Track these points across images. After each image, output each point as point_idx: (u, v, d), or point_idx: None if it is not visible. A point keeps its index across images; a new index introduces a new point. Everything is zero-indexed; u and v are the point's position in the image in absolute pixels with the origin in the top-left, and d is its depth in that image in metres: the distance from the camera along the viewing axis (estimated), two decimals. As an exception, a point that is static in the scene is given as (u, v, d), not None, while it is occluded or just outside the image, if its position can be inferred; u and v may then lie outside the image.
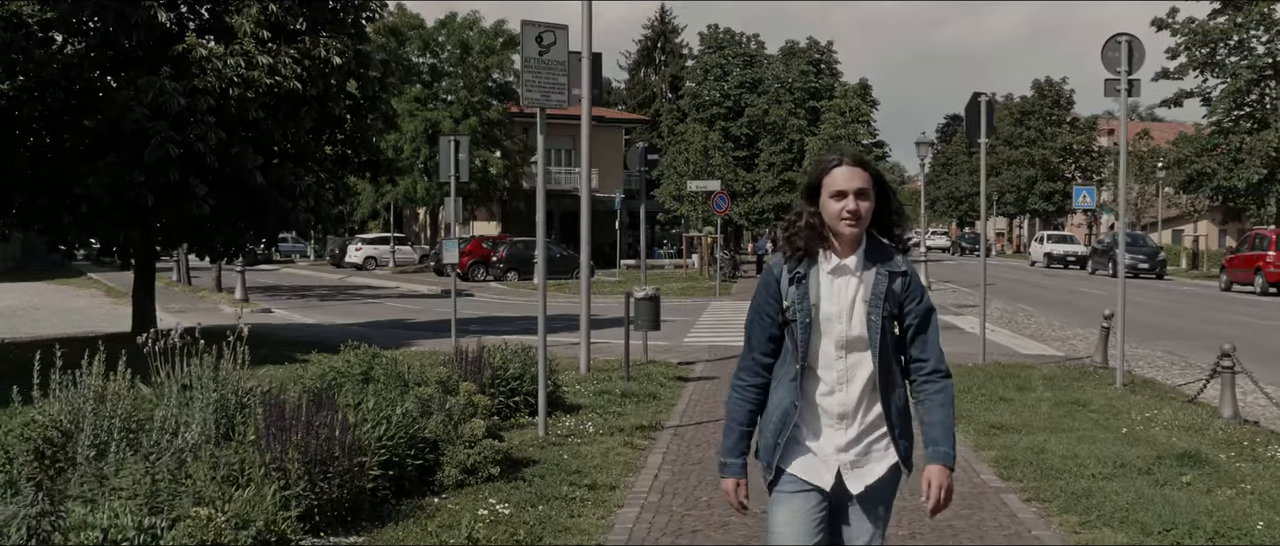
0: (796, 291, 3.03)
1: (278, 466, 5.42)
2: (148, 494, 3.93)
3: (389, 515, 6.00)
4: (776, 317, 3.07)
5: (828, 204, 3.01)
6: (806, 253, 3.04)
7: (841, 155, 3.08)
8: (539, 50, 7.99)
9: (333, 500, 5.72)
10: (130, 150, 14.60)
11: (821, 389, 3.06)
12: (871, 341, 3.00)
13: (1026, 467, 7.31)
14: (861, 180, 3.00)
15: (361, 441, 6.05)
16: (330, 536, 5.59)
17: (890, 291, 3.02)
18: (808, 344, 3.03)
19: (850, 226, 2.98)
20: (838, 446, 3.05)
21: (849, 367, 3.04)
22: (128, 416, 4.62)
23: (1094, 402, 9.91)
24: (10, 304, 28.07)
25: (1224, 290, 30.57)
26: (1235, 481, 6.80)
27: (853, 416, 3.05)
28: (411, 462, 6.52)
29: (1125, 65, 10.74)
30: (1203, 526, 5.69)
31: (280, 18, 15.82)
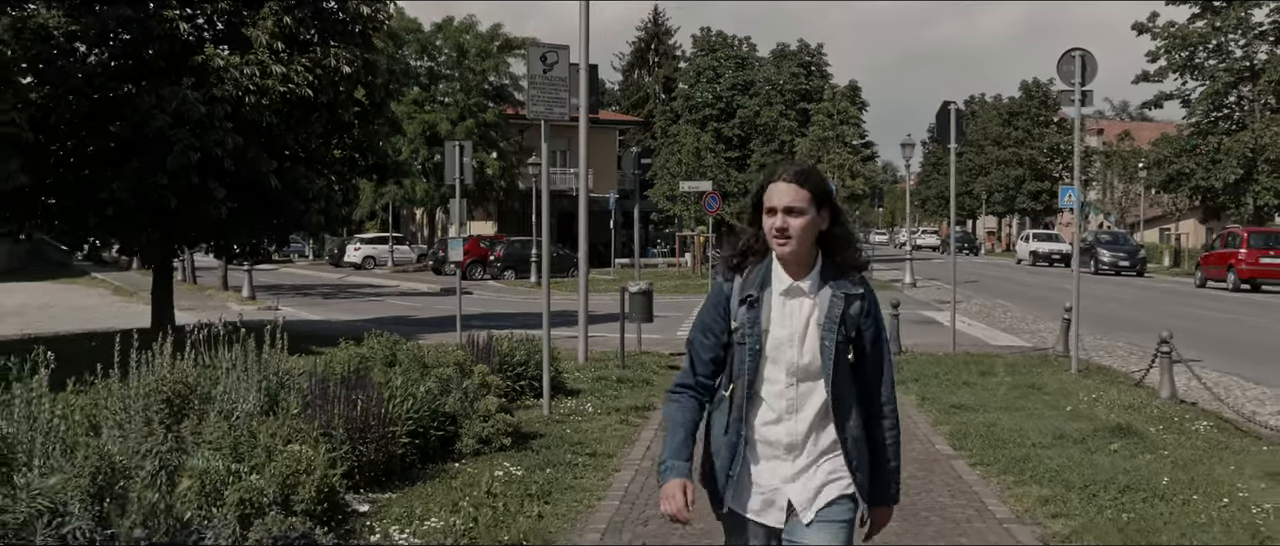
0: (747, 314, 2.84)
1: (325, 431, 6.34)
2: (231, 445, 4.83)
3: (417, 476, 6.92)
4: (722, 337, 2.88)
5: (764, 220, 2.85)
6: (739, 270, 2.90)
7: (784, 169, 2.90)
8: (543, 68, 8.91)
9: (370, 462, 6.65)
10: (153, 155, 15.48)
11: (767, 417, 2.87)
12: (825, 369, 2.81)
13: (977, 439, 8.26)
14: (793, 197, 2.80)
15: (392, 414, 6.97)
16: (368, 493, 6.51)
17: (847, 315, 2.82)
18: (756, 371, 2.84)
19: (779, 245, 2.81)
20: (785, 478, 2.86)
21: (799, 396, 2.85)
22: (206, 387, 5.52)
23: (1048, 386, 10.87)
24: (23, 302, 28.92)
25: (1199, 287, 31.60)
26: (1157, 449, 7.75)
27: (801, 447, 2.85)
28: (434, 433, 7.45)
29: (1079, 78, 11.70)
30: (1116, 482, 6.64)
31: (293, 29, 16.70)
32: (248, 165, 16.28)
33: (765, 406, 2.86)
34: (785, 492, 2.85)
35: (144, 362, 6.09)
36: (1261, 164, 37.58)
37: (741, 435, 2.85)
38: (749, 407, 2.86)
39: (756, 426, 2.87)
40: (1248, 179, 37.68)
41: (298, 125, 17.36)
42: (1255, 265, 29.14)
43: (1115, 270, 39.22)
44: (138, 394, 4.62)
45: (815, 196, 2.83)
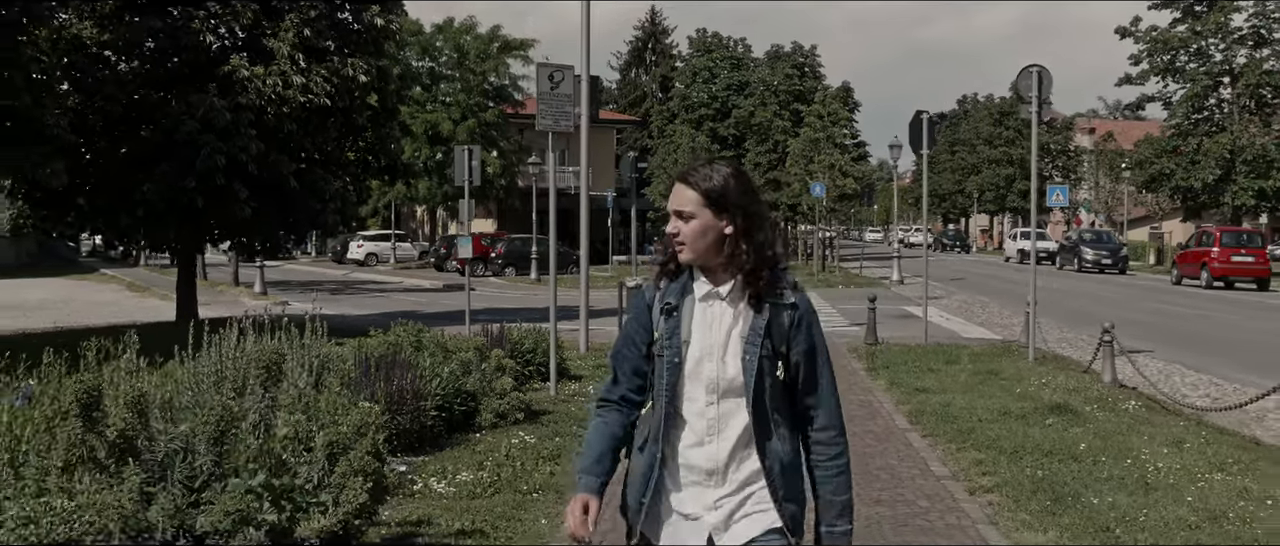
0: (666, 324, 2.62)
1: (369, 401, 7.48)
2: (302, 409, 5.94)
3: (444, 444, 8.07)
4: (643, 349, 2.66)
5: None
6: (677, 275, 2.66)
7: (685, 168, 2.72)
8: (551, 86, 10.05)
9: (404, 431, 7.78)
10: (182, 159, 16.63)
11: (689, 439, 2.62)
12: (746, 386, 2.56)
13: (931, 416, 9.41)
14: (681, 200, 2.59)
15: (422, 390, 8.11)
16: (403, 457, 7.65)
17: (773, 326, 2.58)
18: (675, 386, 2.60)
19: (676, 250, 2.61)
20: (706, 505, 2.61)
21: (721, 416, 2.59)
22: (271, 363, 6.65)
23: (1005, 373, 12.02)
24: (42, 297, 30.00)
25: (1175, 284, 32.78)
26: (1086, 423, 8.90)
27: (724, 473, 2.60)
28: (458, 408, 8.59)
29: (1036, 91, 12.85)
30: (1041, 448, 7.79)
31: (312, 40, 17.84)
32: (269, 168, 17.42)
33: (686, 427, 2.61)
34: (706, 522, 2.59)
35: (212, 345, 7.23)
36: (1239, 165, 38.78)
37: (656, 457, 2.61)
38: (669, 427, 2.61)
39: (678, 449, 2.62)
40: (1226, 179, 38.88)
41: (315, 130, 18.51)
42: (1227, 263, 30.33)
43: (1098, 268, 40.39)
44: (236, 362, 5.74)
45: (707, 199, 2.55)
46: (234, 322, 8.97)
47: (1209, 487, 6.70)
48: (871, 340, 15.33)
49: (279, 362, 5.97)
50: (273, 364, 5.81)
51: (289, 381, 6.21)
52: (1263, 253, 31.30)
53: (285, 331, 8.43)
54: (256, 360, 5.74)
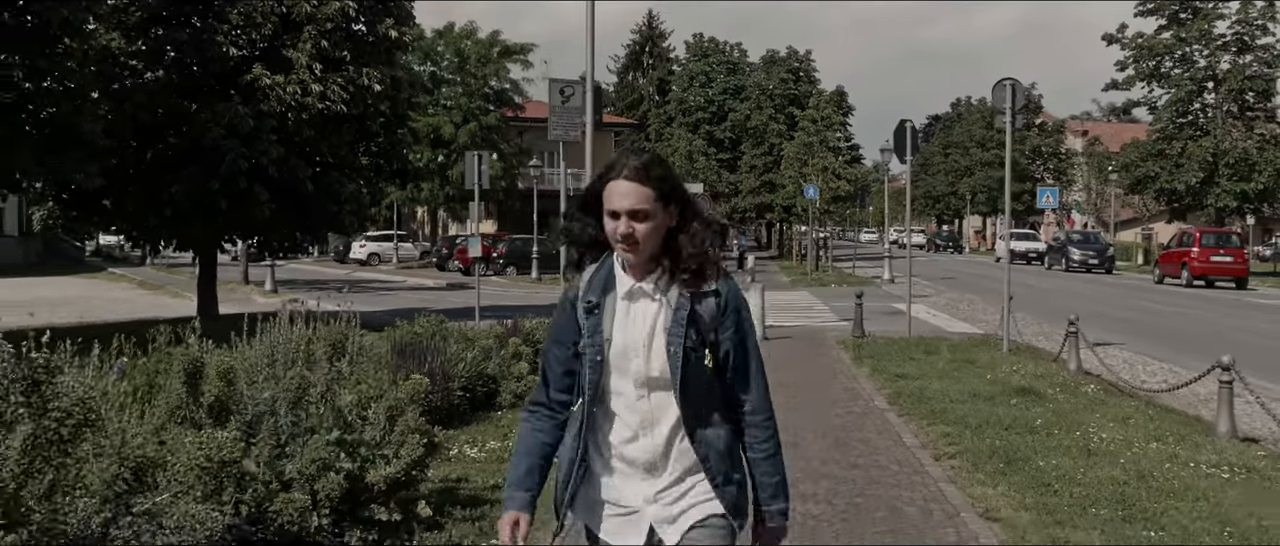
0: (589, 322, 2.61)
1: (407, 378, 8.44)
2: (353, 383, 6.89)
3: (469, 420, 9.02)
4: (571, 349, 2.65)
5: (607, 222, 2.56)
6: (580, 268, 2.67)
7: (624, 163, 2.57)
8: (562, 100, 11.02)
9: (435, 407, 8.72)
10: (207, 163, 17.57)
11: (623, 434, 2.63)
12: (673, 378, 2.56)
13: (908, 397, 10.38)
14: (637, 199, 2.51)
15: (450, 372, 9.06)
16: (436, 430, 8.60)
17: (695, 316, 2.57)
18: (598, 383, 2.60)
19: (625, 251, 2.55)
20: (646, 498, 2.63)
21: (653, 409, 2.60)
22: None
23: (980, 361, 13.00)
24: (59, 295, 30.83)
25: (1157, 283, 33.82)
26: (1046, 403, 9.88)
27: (662, 465, 2.61)
28: (480, 389, 9.55)
29: (1010, 102, 13.83)
30: (1002, 423, 8.76)
31: (329, 51, 18.79)
32: (288, 171, 18.36)
33: (619, 422, 2.62)
34: (646, 514, 2.61)
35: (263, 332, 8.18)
36: (1222, 167, 39.82)
37: (578, 451, 2.63)
38: (601, 423, 2.63)
39: (614, 444, 2.63)
40: (1209, 182, 39.92)
41: (330, 135, 19.44)
42: (1206, 262, 31.37)
43: (1085, 268, 41.44)
44: (298, 343, 6.69)
45: (660, 193, 2.53)
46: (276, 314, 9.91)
47: (1143, 454, 7.68)
48: (858, 333, 16.29)
49: (343, 342, 6.91)
50: (338, 342, 6.75)
51: (350, 356, 7.16)
52: (1240, 252, 32.37)
53: (322, 322, 9.41)
54: (325, 339, 6.69)
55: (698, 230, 2.57)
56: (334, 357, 6.62)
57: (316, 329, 9.06)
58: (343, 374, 6.61)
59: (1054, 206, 48.19)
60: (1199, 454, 7.64)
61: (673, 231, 2.56)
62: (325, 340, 6.55)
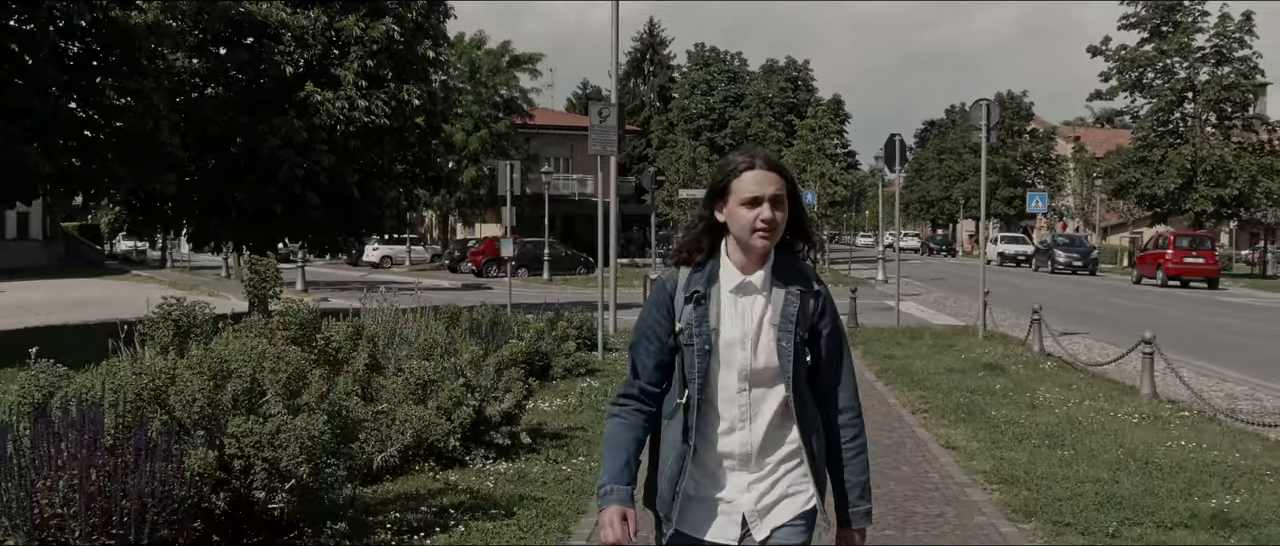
0: (694, 312, 2.61)
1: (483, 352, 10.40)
2: (423, 352, 8.83)
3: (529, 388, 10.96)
4: (667, 341, 2.64)
5: (738, 212, 2.58)
6: (702, 265, 2.67)
7: (753, 155, 2.64)
8: (599, 120, 12.97)
9: (505, 376, 10.68)
10: (265, 171, 19.51)
11: (722, 426, 2.64)
12: (783, 371, 2.59)
13: (895, 372, 12.33)
14: (777, 186, 2.57)
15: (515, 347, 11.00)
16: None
17: (803, 313, 2.61)
18: (706, 374, 2.60)
19: (763, 239, 2.57)
20: (740, 489, 2.63)
21: (753, 402, 2.62)
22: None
23: (957, 345, 14.97)
24: (98, 294, 32.65)
25: (1135, 283, 35.83)
26: (1007, 375, 11.84)
27: (757, 458, 2.63)
28: (536, 362, 11.49)
29: (985, 120, 15.80)
30: (967, 388, 10.73)
31: (373, 69, 20.74)
32: (336, 179, 20.32)
33: (718, 414, 2.64)
34: (739, 506, 2.64)
35: (359, 314, 10.11)
36: (1200, 174, 41.84)
37: (690, 445, 2.63)
38: (702, 415, 2.63)
39: (709, 437, 2.64)
40: (1187, 187, 41.94)
41: (373, 146, 21.41)
42: (1180, 264, 33.38)
43: (1071, 269, 43.46)
44: (426, 315, 8.62)
45: (789, 184, 2.63)
46: (354, 304, 11.78)
47: (1077, 408, 9.64)
48: (852, 324, 18.24)
49: (458, 315, 8.87)
50: (453, 316, 8.72)
51: (461, 327, 9.13)
52: (1211, 254, 34.41)
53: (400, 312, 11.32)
54: (445, 314, 8.65)
55: (809, 227, 2.71)
56: (451, 325, 8.56)
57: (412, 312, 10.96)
58: (456, 339, 8.56)
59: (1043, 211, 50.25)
60: (1120, 408, 9.61)
61: (791, 224, 2.64)
62: (445, 314, 8.46)
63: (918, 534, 5.78)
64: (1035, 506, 6.24)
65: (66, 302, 27.80)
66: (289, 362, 5.07)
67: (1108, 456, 7.52)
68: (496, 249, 46.24)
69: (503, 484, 6.69)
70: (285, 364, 5.06)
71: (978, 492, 6.68)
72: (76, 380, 5.27)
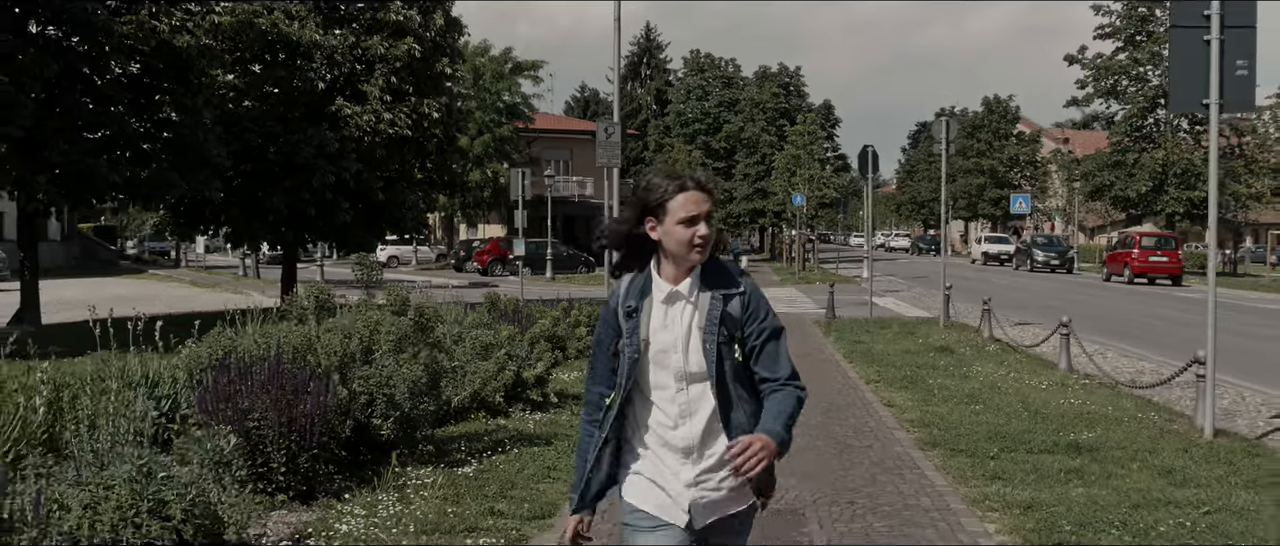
0: (629, 324, 2.90)
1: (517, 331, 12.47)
2: (501, 326, 10.86)
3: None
4: (613, 348, 2.95)
5: (675, 230, 2.84)
6: (625, 271, 2.97)
7: (685, 178, 2.90)
8: (606, 136, 15.02)
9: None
10: (300, 178, 21.54)
11: (664, 423, 2.91)
12: (709, 371, 2.85)
13: (859, 354, 14.40)
14: (709, 204, 2.87)
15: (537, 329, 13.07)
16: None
17: (726, 315, 2.87)
18: (633, 378, 2.89)
19: (701, 253, 2.87)
20: (686, 482, 2.89)
21: (691, 400, 2.89)
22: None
23: (918, 333, 17.04)
24: (132, 293, 34.54)
25: (1105, 281, 37.94)
26: (954, 356, 13.90)
27: (699, 450, 2.89)
28: (555, 343, 13.53)
29: (945, 135, 17.87)
30: (916, 365, 12.79)
31: (396, 85, 22.79)
32: (363, 185, 22.37)
33: (661, 412, 2.90)
34: (687, 497, 2.88)
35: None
36: (1171, 177, 43.98)
37: (618, 441, 2.96)
38: (642, 414, 2.92)
39: (657, 432, 2.91)
40: (1159, 190, 44.07)
41: (396, 154, 23.45)
42: (1145, 262, 35.51)
43: (1049, 268, 45.63)
44: (460, 304, 10.66)
45: (715, 203, 2.91)
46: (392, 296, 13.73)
47: (1001, 379, 11.71)
48: (830, 316, 20.32)
49: (496, 300, 10.93)
50: (493, 302, 10.78)
51: (498, 311, 11.17)
52: (1175, 253, 36.57)
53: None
54: (485, 301, 10.70)
55: (719, 234, 3.03)
56: (490, 308, 10.62)
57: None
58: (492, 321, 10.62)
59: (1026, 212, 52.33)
60: (1036, 379, 11.69)
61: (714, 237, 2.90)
62: (487, 299, 10.51)
63: (850, 457, 7.85)
64: (941, 440, 8.31)
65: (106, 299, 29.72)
66: (397, 328, 7.13)
67: (1009, 410, 9.59)
68: (501, 249, 48.50)
69: (539, 426, 8.76)
70: (394, 329, 7.12)
71: (902, 433, 8.74)
72: (240, 343, 7.32)
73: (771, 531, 5.78)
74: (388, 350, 7.24)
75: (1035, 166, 75.53)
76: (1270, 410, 10.23)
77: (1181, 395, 10.85)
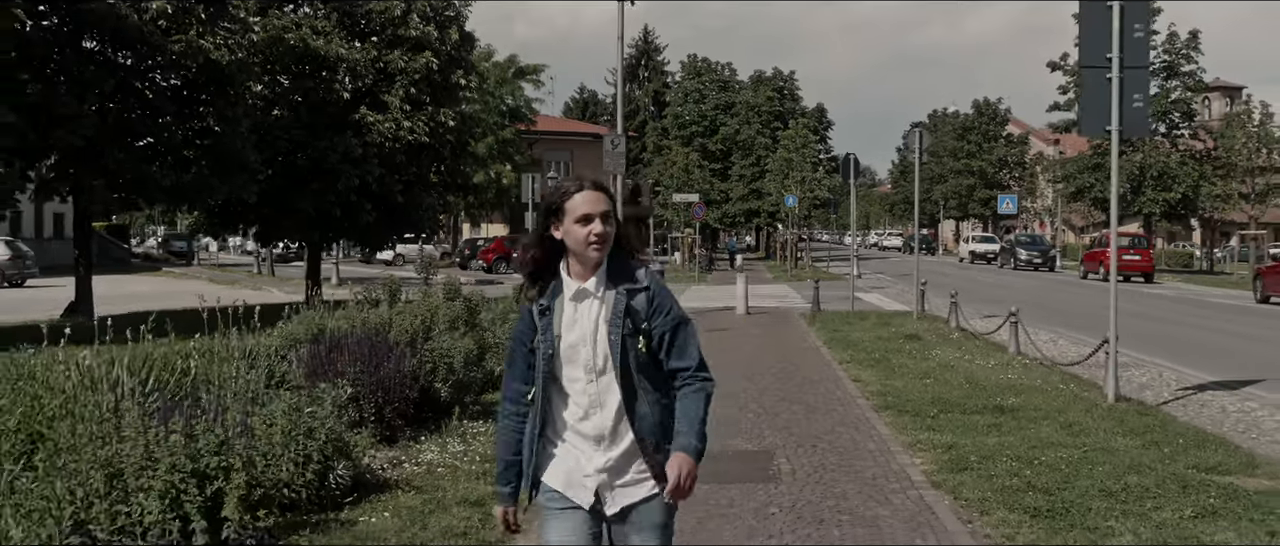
0: (542, 322, 3.08)
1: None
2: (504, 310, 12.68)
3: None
4: (529, 346, 3.12)
5: (573, 229, 3.02)
6: (539, 277, 3.13)
7: (582, 180, 3.08)
8: (613, 147, 16.83)
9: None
10: (326, 181, 23.35)
11: (576, 414, 3.09)
12: (614, 362, 3.02)
13: (837, 341, 16.22)
14: (605, 204, 3.04)
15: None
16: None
17: (630, 309, 3.03)
18: (550, 373, 3.07)
19: (598, 250, 3.02)
20: (597, 467, 3.08)
21: (600, 391, 3.05)
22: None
23: (893, 323, 18.87)
24: (150, 290, 36.35)
25: (1083, 278, 39.80)
26: (922, 341, 15.72)
27: (610, 439, 3.07)
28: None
29: (918, 146, 19.67)
30: (886, 349, 14.61)
31: (415, 95, 24.61)
32: (384, 187, 24.19)
33: (573, 403, 3.08)
34: (594, 481, 3.09)
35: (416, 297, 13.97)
36: (1148, 179, 45.87)
37: (535, 431, 3.11)
38: (558, 406, 3.10)
39: (570, 422, 3.09)
40: (1136, 192, 45.96)
41: (414, 159, 25.28)
42: (1119, 261, 37.25)
43: (1031, 266, 47.52)
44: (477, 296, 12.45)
45: (612, 202, 3.10)
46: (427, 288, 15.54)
47: (956, 361, 13.52)
48: (815, 309, 22.14)
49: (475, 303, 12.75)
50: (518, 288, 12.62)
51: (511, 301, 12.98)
52: (1147, 252, 38.60)
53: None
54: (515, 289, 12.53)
55: (627, 237, 3.14)
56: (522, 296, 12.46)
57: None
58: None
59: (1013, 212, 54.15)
60: (986, 360, 13.52)
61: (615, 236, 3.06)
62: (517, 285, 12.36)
63: (817, 416, 9.67)
64: (893, 404, 10.14)
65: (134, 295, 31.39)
66: (452, 310, 8.95)
67: (954, 383, 11.42)
68: (506, 248, 50.32)
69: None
70: (451, 312, 8.94)
71: (862, 401, 10.57)
72: (329, 323, 9.14)
73: (748, 465, 7.60)
74: (445, 329, 9.05)
75: (1023, 167, 77.40)
76: (1178, 386, 12.08)
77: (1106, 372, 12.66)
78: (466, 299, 9.49)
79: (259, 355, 9.00)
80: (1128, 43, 9.91)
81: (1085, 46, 10.33)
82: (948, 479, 7.13)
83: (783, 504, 6.56)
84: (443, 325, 9.07)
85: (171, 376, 7.74)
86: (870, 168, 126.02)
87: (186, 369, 8.03)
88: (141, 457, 5.30)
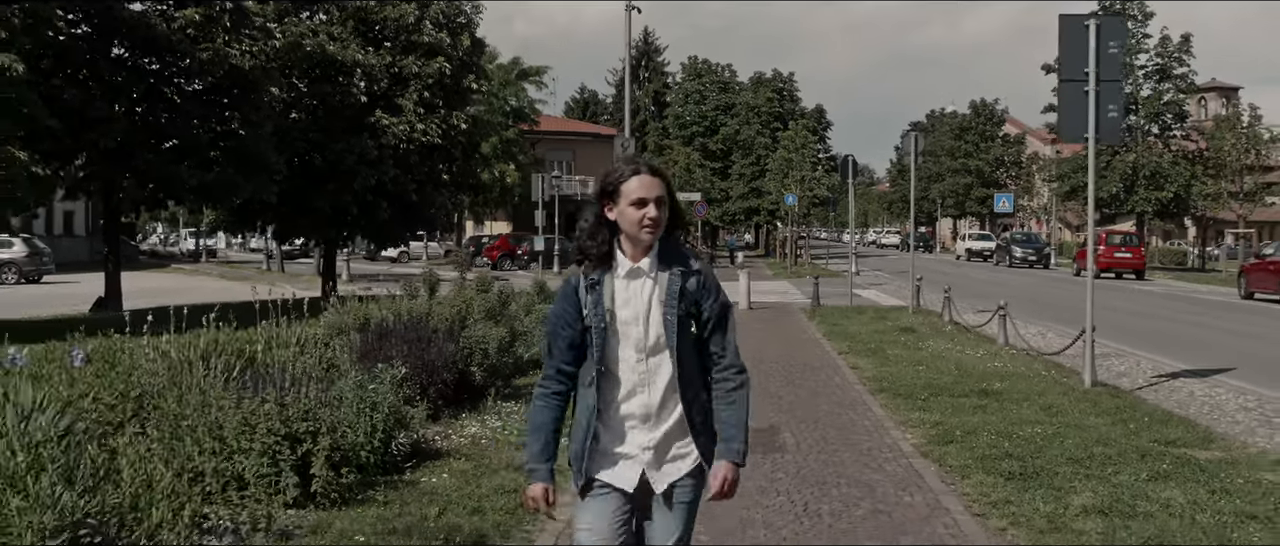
0: (592, 298, 3.11)
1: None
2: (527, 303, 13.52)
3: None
4: (576, 325, 3.14)
5: (627, 211, 3.08)
6: (602, 259, 3.13)
7: (638, 163, 3.15)
8: (623, 150, 17.71)
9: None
10: (343, 181, 24.24)
11: (623, 392, 3.14)
12: (669, 342, 3.09)
13: (836, 334, 17.11)
14: (659, 189, 3.09)
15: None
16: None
17: (685, 290, 3.10)
18: (604, 348, 3.10)
19: (650, 233, 3.08)
20: (642, 446, 3.15)
21: (650, 370, 3.12)
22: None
23: (890, 317, 19.77)
24: (171, 286, 36.99)
25: (1075, 275, 40.69)
26: (915, 335, 16.62)
27: (656, 417, 3.14)
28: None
29: (913, 150, 20.56)
30: (881, 340, 15.51)
31: (428, 99, 25.50)
32: (398, 187, 25.08)
33: (621, 382, 3.13)
34: (641, 460, 3.16)
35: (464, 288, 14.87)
36: (1140, 178, 46.82)
37: (592, 411, 3.13)
38: (605, 384, 3.13)
39: (616, 401, 3.14)
40: (1129, 191, 46.90)
41: (427, 160, 26.17)
42: (1111, 258, 38.35)
43: (1027, 263, 48.47)
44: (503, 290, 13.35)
45: (668, 187, 3.15)
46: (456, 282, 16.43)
47: (947, 350, 14.42)
48: (815, 304, 23.04)
49: (543, 285, 13.65)
50: (541, 285, 13.48)
51: (547, 293, 13.87)
52: (1138, 250, 39.61)
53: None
54: (535, 284, 13.40)
55: (683, 219, 3.26)
56: (539, 290, 13.32)
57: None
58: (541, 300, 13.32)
59: (1009, 211, 55.02)
60: (975, 350, 14.42)
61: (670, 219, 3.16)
62: (535, 280, 13.22)
63: (818, 398, 10.56)
64: (888, 389, 11.04)
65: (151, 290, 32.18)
66: (486, 301, 9.84)
67: (945, 370, 12.32)
68: (510, 245, 51.21)
69: (583, 380, 11.46)
70: (485, 303, 9.83)
71: (859, 386, 11.47)
72: (373, 312, 10.04)
73: (756, 439, 8.49)
74: (479, 318, 9.95)
75: (1019, 167, 78.34)
76: (1153, 373, 12.99)
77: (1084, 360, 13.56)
78: (499, 292, 10.38)
79: (308, 342, 9.91)
80: (1103, 59, 10.80)
81: (1065, 62, 11.22)
82: (935, 450, 8.03)
83: (789, 470, 7.46)
84: (478, 315, 9.96)
85: (238, 360, 8.63)
86: (868, 166, 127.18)
87: (253, 355, 8.92)
88: (240, 423, 6.21)
